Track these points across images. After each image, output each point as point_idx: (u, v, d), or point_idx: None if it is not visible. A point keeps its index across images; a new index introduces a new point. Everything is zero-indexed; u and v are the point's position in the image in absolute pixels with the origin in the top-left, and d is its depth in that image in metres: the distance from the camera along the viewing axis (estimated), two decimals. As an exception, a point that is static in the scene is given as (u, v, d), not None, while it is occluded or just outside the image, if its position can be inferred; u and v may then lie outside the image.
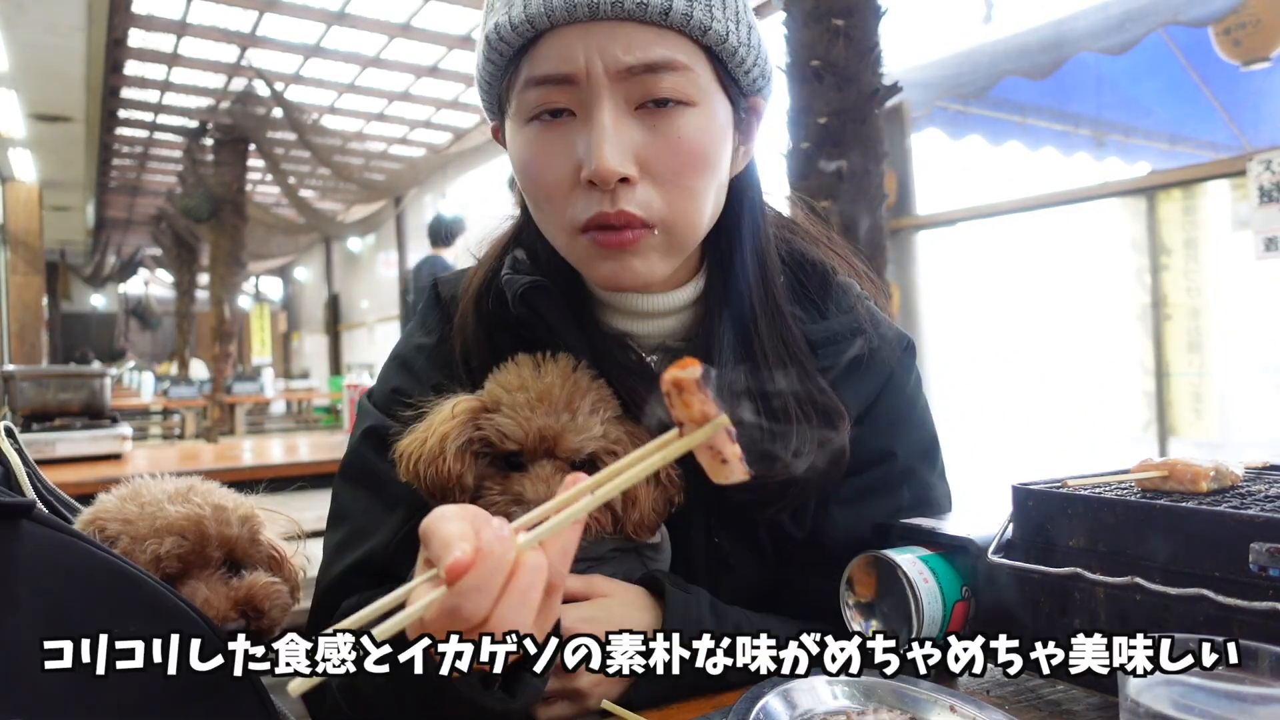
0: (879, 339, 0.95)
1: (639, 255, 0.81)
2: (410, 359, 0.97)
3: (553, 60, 0.77)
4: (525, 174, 0.84)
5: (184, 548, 0.85)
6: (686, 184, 0.80)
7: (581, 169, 0.78)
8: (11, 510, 0.58)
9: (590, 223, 0.79)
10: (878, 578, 0.81)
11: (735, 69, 0.82)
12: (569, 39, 0.76)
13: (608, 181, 0.76)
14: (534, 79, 0.79)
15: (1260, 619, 0.60)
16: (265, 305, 21.10)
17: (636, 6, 0.75)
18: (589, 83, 0.77)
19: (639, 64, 0.76)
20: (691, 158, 0.80)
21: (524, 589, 0.53)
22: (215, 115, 9.76)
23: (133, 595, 0.63)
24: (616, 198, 0.78)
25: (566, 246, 0.85)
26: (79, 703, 0.57)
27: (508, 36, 0.78)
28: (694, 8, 0.77)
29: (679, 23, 0.76)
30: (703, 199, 0.83)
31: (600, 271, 0.83)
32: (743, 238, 0.90)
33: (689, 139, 0.79)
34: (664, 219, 0.81)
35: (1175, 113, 5.48)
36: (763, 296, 0.90)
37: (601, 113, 0.76)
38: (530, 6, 0.76)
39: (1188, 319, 4.76)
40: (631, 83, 0.77)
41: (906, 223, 5.44)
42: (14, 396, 3.12)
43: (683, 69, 0.78)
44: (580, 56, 0.76)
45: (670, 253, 0.84)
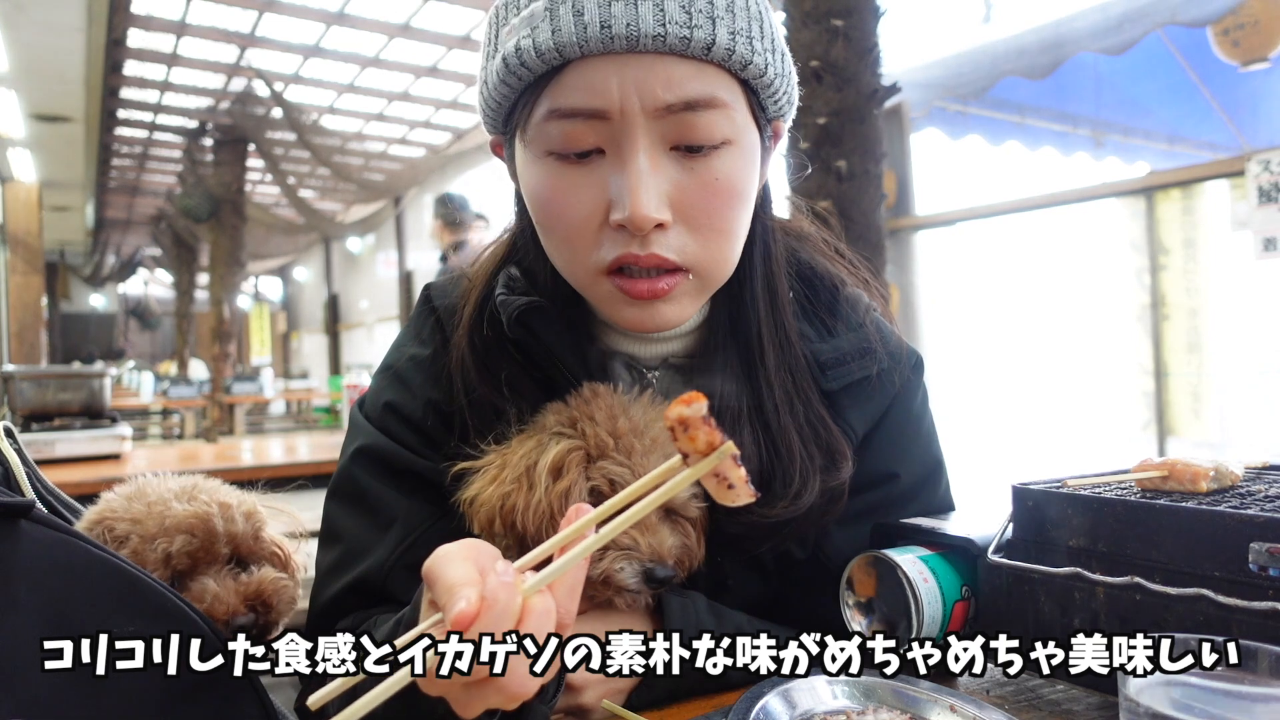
0: (887, 357, 0.93)
1: (670, 302, 0.78)
2: (404, 372, 0.93)
3: (583, 92, 0.72)
4: (544, 210, 0.78)
5: (193, 545, 0.85)
6: (722, 226, 0.77)
7: (610, 209, 0.74)
8: (11, 510, 0.58)
9: (616, 263, 0.75)
10: (878, 578, 0.81)
11: (768, 99, 0.79)
12: (603, 70, 0.71)
13: (642, 228, 0.72)
14: (560, 111, 0.73)
15: (1260, 619, 0.60)
16: (265, 305, 21.09)
17: (679, 41, 0.69)
18: (623, 120, 0.72)
19: (679, 102, 0.71)
20: (728, 199, 0.76)
21: (534, 632, 0.51)
22: (215, 115, 9.75)
23: (132, 595, 0.63)
24: (648, 242, 0.74)
25: (588, 286, 0.80)
26: (79, 703, 0.57)
27: (531, 62, 0.72)
28: (736, 42, 0.72)
29: (721, 58, 0.72)
30: (737, 238, 0.80)
31: (624, 316, 0.79)
32: (753, 262, 0.86)
33: (725, 179, 0.75)
34: (697, 262, 0.77)
35: (1174, 113, 5.48)
36: (771, 326, 0.87)
37: (636, 153, 0.72)
38: (560, 34, 0.70)
39: (1186, 319, 4.76)
40: (668, 121, 0.72)
41: (906, 223, 5.45)
42: (13, 396, 3.12)
43: (722, 106, 0.73)
44: (615, 91, 0.71)
45: (701, 294, 0.81)
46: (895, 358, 0.94)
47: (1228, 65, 4.28)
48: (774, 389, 0.86)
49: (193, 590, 0.84)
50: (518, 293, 0.87)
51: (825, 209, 2.09)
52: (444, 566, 0.52)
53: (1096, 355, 5.53)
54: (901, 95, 3.73)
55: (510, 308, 0.85)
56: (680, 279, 0.77)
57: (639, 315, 0.78)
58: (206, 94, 9.33)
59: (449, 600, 0.50)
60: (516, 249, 0.93)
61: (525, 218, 0.89)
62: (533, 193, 0.79)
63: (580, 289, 0.82)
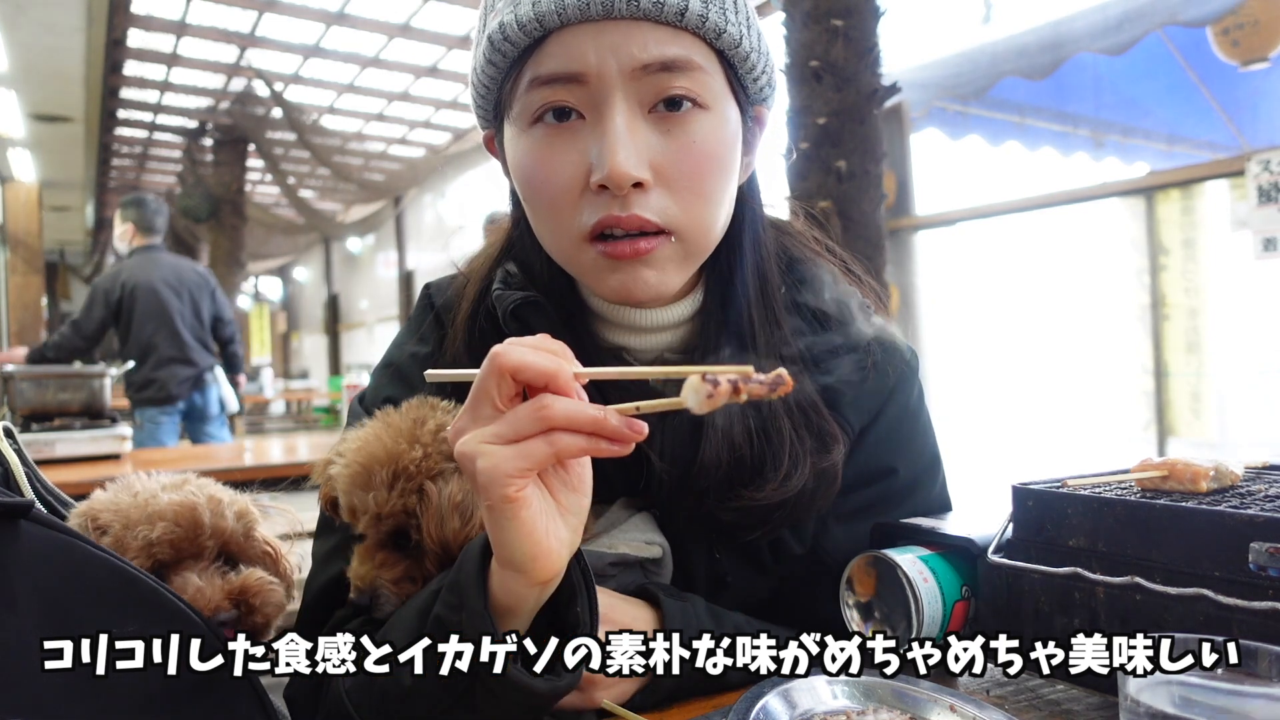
0: (882, 352, 0.93)
1: (652, 265, 0.78)
2: (404, 367, 0.95)
3: (561, 58, 0.74)
4: (528, 180, 0.80)
5: (175, 534, 0.84)
6: (701, 189, 0.78)
7: (591, 173, 0.75)
8: (10, 510, 0.58)
9: (598, 226, 0.76)
10: (878, 578, 0.81)
11: (745, 75, 0.81)
12: (580, 37, 0.73)
13: (621, 185, 0.73)
14: (540, 78, 0.75)
15: (1260, 619, 0.60)
16: (265, 305, 21.08)
17: (653, 5, 0.72)
18: (600, 82, 0.74)
19: (654, 61, 0.73)
20: (707, 161, 0.77)
21: (551, 354, 0.59)
22: (215, 115, 9.75)
23: (131, 595, 0.63)
24: (628, 202, 0.75)
25: (572, 257, 0.81)
26: (78, 703, 0.57)
27: (514, 36, 0.75)
28: (709, 9, 0.74)
29: (694, 24, 0.74)
30: (717, 204, 0.80)
31: (609, 284, 0.80)
32: (743, 250, 0.87)
33: (703, 142, 0.77)
34: (679, 225, 0.78)
35: (1174, 113, 5.48)
36: (761, 312, 0.88)
37: (614, 114, 0.74)
38: (540, 4, 0.73)
39: (1186, 319, 4.76)
40: (645, 82, 0.74)
41: (905, 223, 5.45)
42: (13, 396, 3.12)
43: (697, 69, 0.75)
44: (591, 55, 0.73)
45: (685, 262, 0.82)
46: (889, 353, 0.95)
47: (1228, 65, 4.28)
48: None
49: (174, 583, 0.82)
50: (514, 288, 0.88)
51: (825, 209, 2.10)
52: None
53: (1097, 355, 5.54)
54: (901, 95, 3.73)
55: (505, 302, 0.86)
56: (661, 241, 0.78)
57: (622, 280, 0.79)
58: (206, 94, 9.33)
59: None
60: (513, 245, 0.94)
61: (519, 212, 0.90)
62: (518, 166, 0.81)
63: (566, 262, 0.83)
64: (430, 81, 8.87)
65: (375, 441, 0.76)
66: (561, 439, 0.57)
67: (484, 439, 0.58)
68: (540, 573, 0.61)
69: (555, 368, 0.58)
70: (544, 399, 0.57)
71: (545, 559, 0.60)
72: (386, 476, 0.74)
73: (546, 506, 0.60)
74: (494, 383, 0.59)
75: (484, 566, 0.64)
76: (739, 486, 0.84)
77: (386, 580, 0.75)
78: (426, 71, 8.56)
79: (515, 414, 0.58)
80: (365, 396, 0.96)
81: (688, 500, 0.85)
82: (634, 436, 0.58)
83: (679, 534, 0.87)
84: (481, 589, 0.63)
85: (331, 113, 9.83)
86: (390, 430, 0.77)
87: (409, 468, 0.74)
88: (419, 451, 0.75)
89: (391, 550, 0.76)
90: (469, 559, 0.65)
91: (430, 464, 0.75)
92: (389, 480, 0.74)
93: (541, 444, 0.57)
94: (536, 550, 0.59)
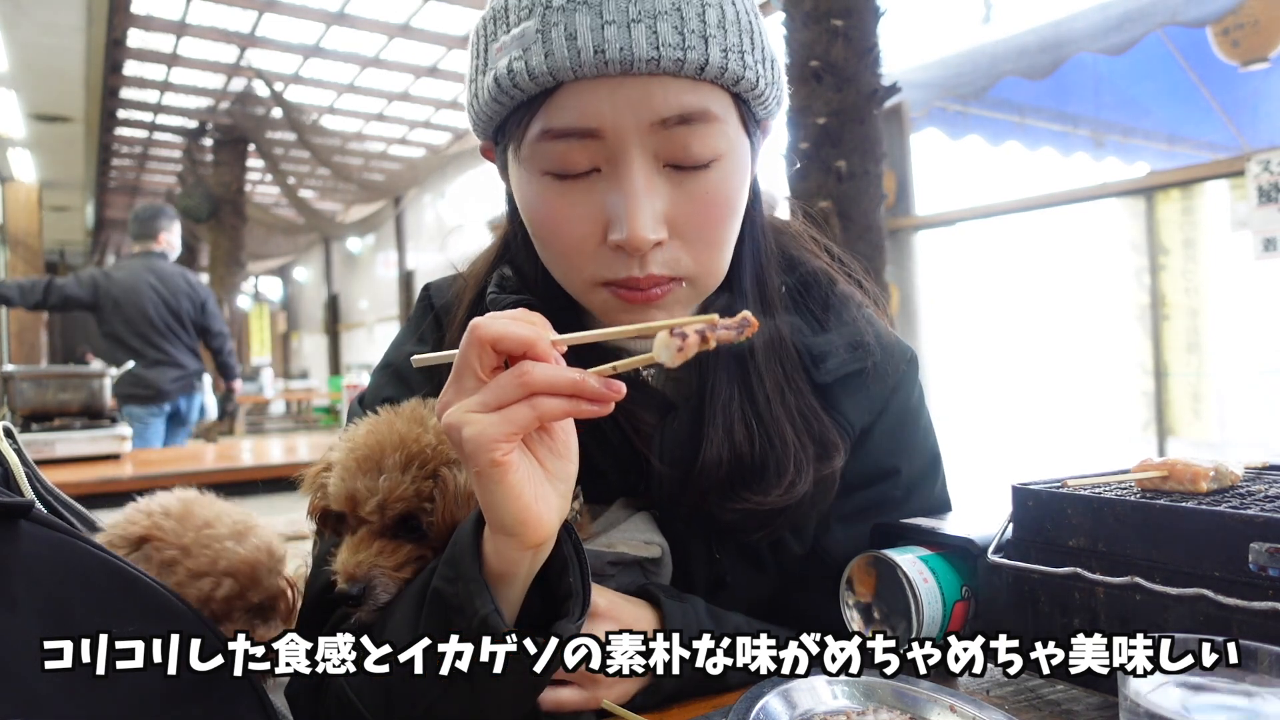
0: (881, 352, 0.93)
1: (663, 308, 0.79)
2: (404, 368, 0.94)
3: (575, 112, 0.72)
4: (541, 226, 0.79)
5: (234, 590, 0.86)
6: (714, 238, 0.78)
7: (608, 228, 0.74)
8: (10, 510, 0.58)
9: (617, 284, 0.77)
10: (878, 578, 0.81)
11: (757, 106, 0.80)
12: (596, 93, 0.71)
13: (641, 249, 0.73)
14: (554, 131, 0.73)
15: (1260, 619, 0.60)
16: (265, 305, 21.08)
17: (673, 63, 0.70)
18: (617, 138, 0.72)
19: (673, 115, 0.72)
20: (721, 212, 0.77)
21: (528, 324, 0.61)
22: (215, 115, 9.75)
23: (131, 595, 0.63)
24: (646, 262, 0.75)
25: (583, 295, 0.82)
26: (78, 703, 0.57)
27: (523, 83, 0.72)
28: (729, 59, 0.72)
29: (714, 76, 0.72)
30: (729, 248, 0.81)
31: (620, 322, 0.80)
32: (743, 257, 0.87)
33: (718, 193, 0.76)
34: (691, 273, 0.78)
35: (1174, 113, 5.48)
36: (760, 317, 0.89)
37: (632, 173, 0.73)
38: (553, 58, 0.70)
39: (1186, 319, 4.77)
40: (662, 136, 0.73)
41: (905, 223, 5.45)
42: (13, 396, 3.12)
43: (715, 120, 0.74)
44: (608, 111, 0.71)
45: (693, 301, 0.83)
46: (889, 353, 0.95)
47: (1228, 65, 4.28)
48: (764, 380, 0.86)
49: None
50: (509, 291, 0.88)
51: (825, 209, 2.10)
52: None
53: (1096, 355, 5.54)
54: (901, 95, 3.73)
55: (500, 305, 0.86)
56: (673, 286, 0.78)
57: (633, 319, 0.79)
58: (206, 94, 9.33)
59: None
60: (509, 248, 0.94)
61: (516, 218, 0.90)
62: (529, 210, 0.80)
63: (576, 296, 0.83)
64: (430, 81, 8.88)
65: (385, 427, 0.76)
66: (543, 402, 0.59)
67: (469, 408, 0.59)
68: (531, 536, 0.62)
69: (534, 336, 0.60)
70: (524, 365, 0.59)
71: (535, 523, 0.61)
72: (400, 460, 0.74)
73: (534, 472, 0.62)
74: (475, 354, 0.60)
75: (478, 537, 0.65)
76: (740, 488, 0.84)
77: (388, 567, 0.74)
78: (426, 71, 8.56)
79: (497, 382, 0.59)
80: (365, 398, 0.96)
81: (688, 500, 0.85)
82: (613, 396, 0.60)
83: (679, 534, 0.87)
84: (476, 557, 0.64)
85: (331, 113, 9.84)
86: (400, 418, 0.77)
87: (424, 451, 0.74)
88: (431, 437, 0.75)
89: (392, 538, 0.76)
90: (463, 532, 0.66)
91: (444, 450, 0.75)
92: (403, 463, 0.74)
93: (524, 408, 0.59)
94: (526, 514, 0.61)
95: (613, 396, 0.60)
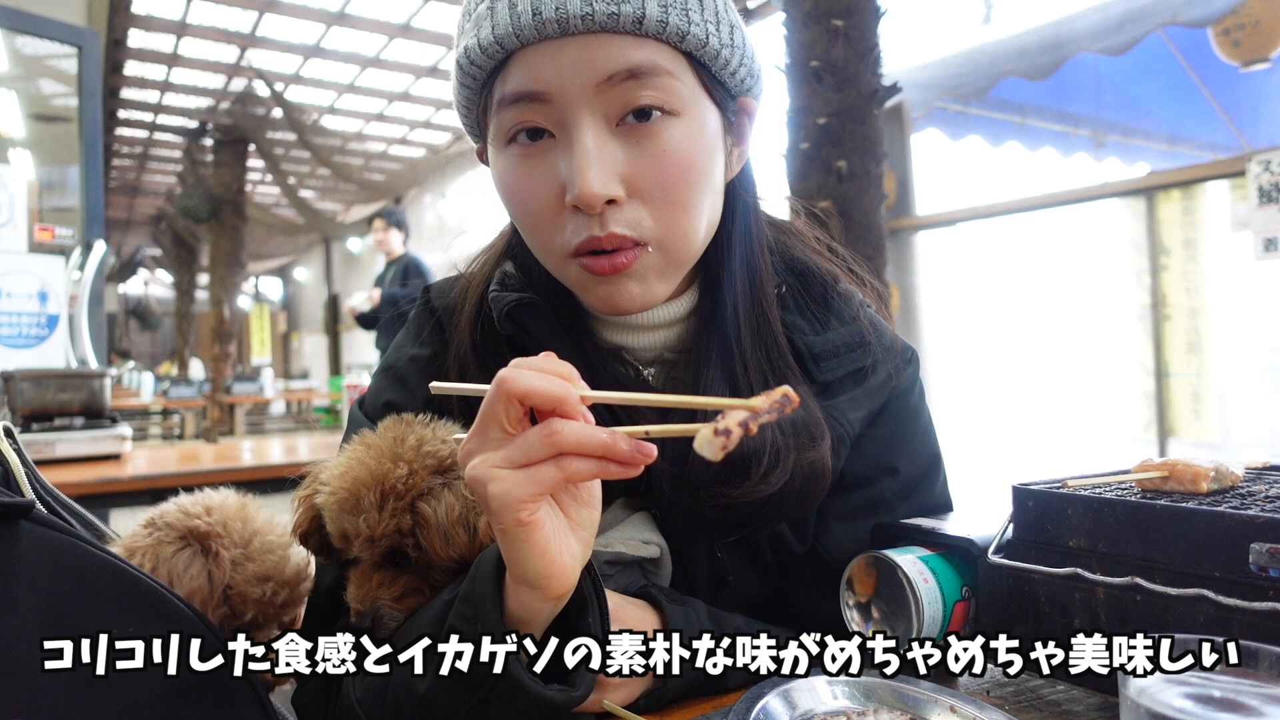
0: (882, 351, 0.93)
1: (635, 278, 0.79)
2: (404, 372, 0.94)
3: (523, 78, 0.74)
4: (509, 199, 0.81)
5: (287, 598, 0.87)
6: (677, 198, 0.77)
7: (566, 192, 0.75)
8: (10, 510, 0.58)
9: (582, 247, 0.77)
10: (878, 578, 0.81)
11: (720, 72, 0.79)
12: (540, 57, 0.73)
13: (593, 205, 0.74)
14: (506, 98, 0.76)
15: (1260, 619, 0.60)
16: (265, 305, 21.09)
17: (608, 18, 0.71)
18: (564, 100, 0.74)
19: (618, 71, 0.72)
20: (680, 170, 0.76)
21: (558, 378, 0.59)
22: (215, 115, 9.76)
23: (132, 595, 0.63)
24: (606, 220, 0.75)
25: (559, 271, 0.82)
26: (78, 703, 0.57)
27: (478, 59, 0.76)
28: (669, 14, 0.73)
29: (654, 30, 0.73)
30: (696, 211, 0.80)
31: (596, 296, 0.81)
32: (733, 243, 0.87)
33: (675, 151, 0.76)
34: (656, 236, 0.78)
35: (1174, 113, 5.48)
36: (748, 304, 0.88)
37: (581, 133, 0.73)
38: (498, 27, 0.73)
39: (1187, 319, 4.76)
40: (610, 95, 0.73)
41: (906, 223, 5.45)
42: (14, 396, 3.11)
43: (664, 74, 0.74)
44: (551, 73, 0.73)
45: (668, 271, 0.81)
46: (890, 352, 0.94)
47: (1228, 65, 4.28)
48: (749, 367, 0.86)
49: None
50: (511, 288, 0.88)
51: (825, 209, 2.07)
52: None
53: (1097, 355, 5.54)
54: (901, 95, 3.74)
55: (501, 303, 0.86)
56: (640, 253, 0.78)
57: (607, 292, 0.80)
58: (207, 94, 9.34)
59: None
60: (512, 246, 0.94)
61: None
62: (500, 184, 0.82)
63: (555, 274, 0.84)
64: (430, 81, 8.88)
65: (358, 465, 0.76)
66: (571, 464, 0.58)
67: (494, 464, 0.58)
68: (554, 589, 0.61)
69: (563, 393, 0.58)
70: (553, 424, 0.57)
71: (559, 575, 0.61)
72: (375, 498, 0.74)
73: (558, 524, 0.61)
74: (501, 407, 0.59)
75: (498, 579, 0.64)
76: (718, 483, 0.83)
77: (387, 599, 0.75)
78: (426, 71, 8.56)
79: (525, 439, 0.58)
80: (365, 401, 0.96)
81: (682, 497, 0.85)
82: (643, 460, 0.58)
83: (680, 534, 0.87)
84: (497, 602, 0.63)
85: (332, 113, 9.84)
86: (372, 452, 0.76)
87: (396, 487, 0.74)
88: (404, 469, 0.75)
89: (389, 570, 0.76)
90: (483, 572, 0.65)
91: (417, 481, 0.75)
92: (378, 502, 0.74)
93: (551, 469, 0.57)
94: (550, 568, 0.60)
95: (643, 460, 0.58)
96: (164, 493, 2.85)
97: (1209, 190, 4.63)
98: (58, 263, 3.68)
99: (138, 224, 16.14)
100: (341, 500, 0.75)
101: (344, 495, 0.75)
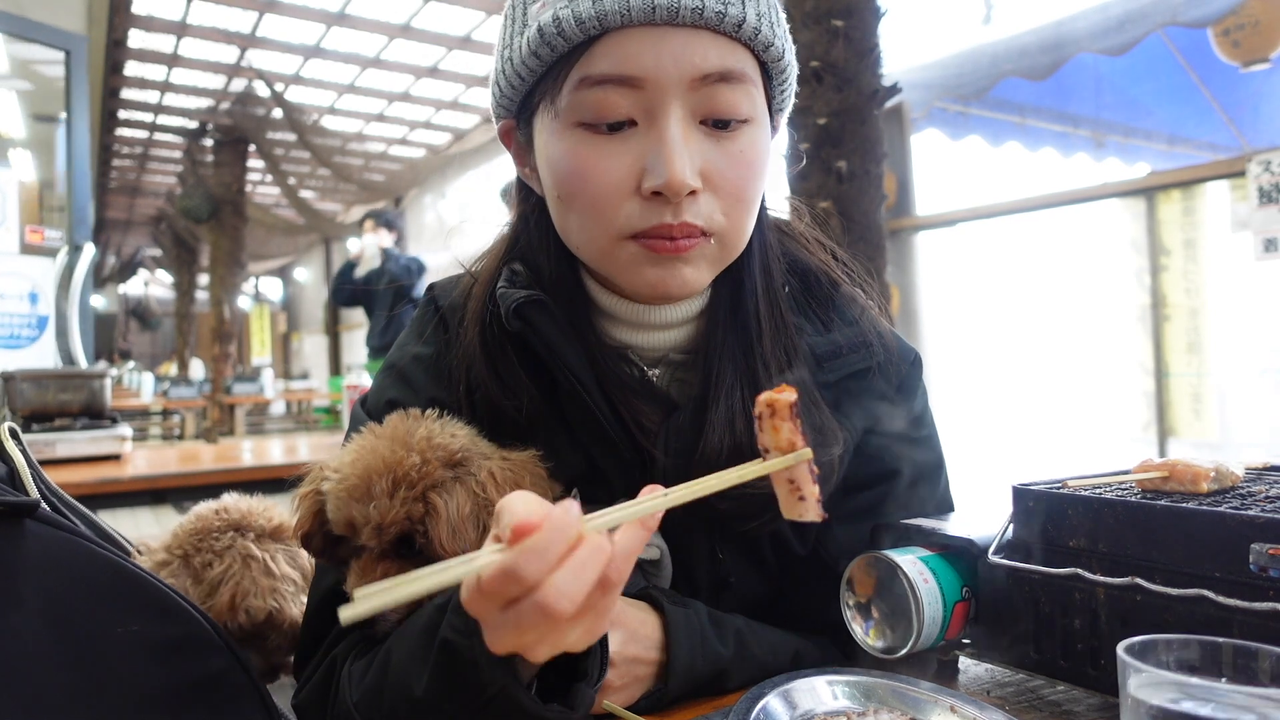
0: (885, 354, 0.93)
1: (690, 263, 0.80)
2: (407, 370, 0.94)
3: (617, 59, 0.74)
4: (569, 178, 0.79)
5: None
6: (745, 195, 0.80)
7: (643, 178, 0.75)
8: (16, 510, 0.59)
9: (650, 231, 0.77)
10: (878, 578, 0.81)
11: (777, 87, 0.83)
12: (641, 42, 0.73)
13: (679, 194, 0.74)
14: (592, 78, 0.75)
15: (1260, 619, 0.60)
16: (265, 306, 21.09)
17: (715, 15, 0.73)
18: (658, 89, 0.74)
19: (715, 70, 0.74)
20: (752, 171, 0.79)
21: (582, 561, 0.52)
22: (215, 116, 9.76)
23: (135, 594, 0.63)
24: (680, 210, 0.76)
25: (608, 252, 0.81)
26: (81, 702, 0.57)
27: (569, 31, 0.74)
28: (762, 22, 0.76)
29: (749, 35, 0.75)
30: (754, 212, 0.83)
31: (646, 277, 0.80)
32: (750, 250, 0.88)
33: (749, 153, 0.79)
34: (722, 229, 0.80)
35: (1174, 113, 5.48)
36: (768, 309, 0.89)
37: (671, 123, 0.74)
38: (601, 4, 0.72)
39: (1187, 319, 4.76)
40: (702, 93, 0.75)
41: (906, 223, 5.45)
42: (14, 397, 3.11)
43: (749, 82, 0.77)
44: (650, 59, 0.73)
45: (719, 262, 0.83)
46: (893, 354, 0.95)
47: (1228, 66, 4.28)
48: (769, 368, 0.87)
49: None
50: (519, 286, 0.87)
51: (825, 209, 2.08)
52: (513, 501, 0.55)
53: (1097, 356, 5.53)
54: (901, 96, 3.74)
55: (509, 300, 0.85)
56: (702, 241, 0.79)
57: (660, 274, 0.80)
58: (207, 94, 9.34)
59: (513, 517, 0.52)
60: (518, 243, 0.94)
61: (528, 208, 0.90)
62: (559, 163, 0.80)
63: (599, 257, 0.82)
64: (430, 82, 8.88)
65: (369, 453, 0.76)
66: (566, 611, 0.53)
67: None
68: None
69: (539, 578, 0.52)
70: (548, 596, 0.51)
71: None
72: (387, 485, 0.74)
73: None
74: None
75: None
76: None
77: None
78: (427, 72, 8.57)
79: (518, 611, 0.52)
80: (368, 400, 0.96)
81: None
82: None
83: (681, 534, 0.87)
84: None
85: (332, 113, 9.85)
86: (383, 441, 0.77)
87: (410, 474, 0.74)
88: (416, 458, 0.75)
89: (394, 560, 0.76)
90: None
91: (430, 470, 0.75)
92: (390, 489, 0.74)
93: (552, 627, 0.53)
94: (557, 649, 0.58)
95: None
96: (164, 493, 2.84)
97: (1209, 190, 4.63)
98: (48, 264, 3.68)
99: (138, 224, 16.15)
100: (351, 487, 0.75)
101: (354, 482, 0.75)
